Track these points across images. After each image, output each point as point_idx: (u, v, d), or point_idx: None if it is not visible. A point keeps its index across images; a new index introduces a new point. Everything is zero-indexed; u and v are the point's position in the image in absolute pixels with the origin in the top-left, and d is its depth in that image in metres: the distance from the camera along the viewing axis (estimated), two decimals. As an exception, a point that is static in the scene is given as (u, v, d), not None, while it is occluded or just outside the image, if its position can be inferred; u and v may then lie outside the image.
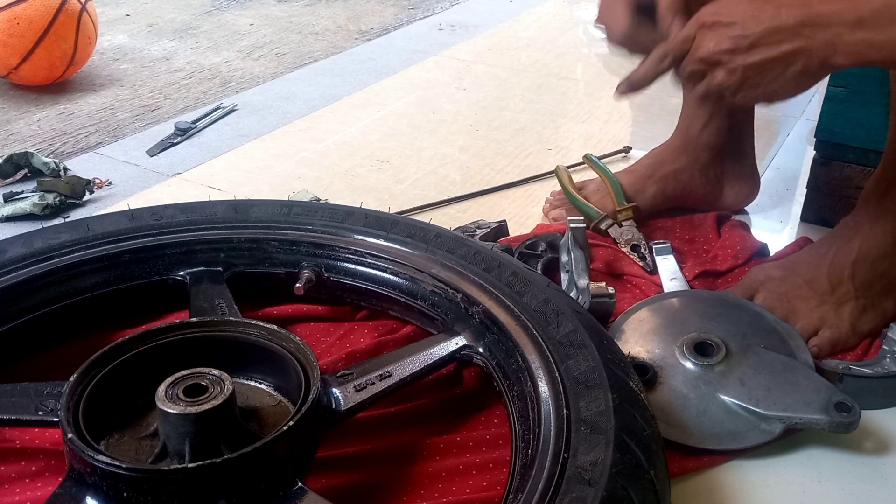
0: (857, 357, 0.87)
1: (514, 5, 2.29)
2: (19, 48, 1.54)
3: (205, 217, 0.92)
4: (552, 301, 0.77)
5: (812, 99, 1.62)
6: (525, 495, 0.59)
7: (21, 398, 0.69)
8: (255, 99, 1.63)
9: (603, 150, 1.38)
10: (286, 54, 1.95)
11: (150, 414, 0.68)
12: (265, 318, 0.88)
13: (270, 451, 0.61)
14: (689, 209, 1.15)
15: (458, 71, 1.79)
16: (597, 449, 0.60)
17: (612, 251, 1.06)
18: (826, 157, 1.14)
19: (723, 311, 0.89)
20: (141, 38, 2.02)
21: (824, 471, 0.77)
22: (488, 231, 1.06)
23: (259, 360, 0.74)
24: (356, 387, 0.71)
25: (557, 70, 1.81)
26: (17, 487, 0.70)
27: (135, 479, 0.58)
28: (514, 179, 1.30)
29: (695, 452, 0.77)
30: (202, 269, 0.89)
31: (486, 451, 0.74)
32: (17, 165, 1.28)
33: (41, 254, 0.85)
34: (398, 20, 2.22)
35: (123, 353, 0.70)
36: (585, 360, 0.69)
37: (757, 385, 0.79)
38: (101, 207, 1.20)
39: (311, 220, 0.92)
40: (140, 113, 1.59)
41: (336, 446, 0.73)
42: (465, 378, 0.83)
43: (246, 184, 1.29)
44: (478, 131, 1.49)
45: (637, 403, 0.66)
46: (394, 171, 1.33)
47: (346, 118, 1.54)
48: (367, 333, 0.88)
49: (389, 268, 0.88)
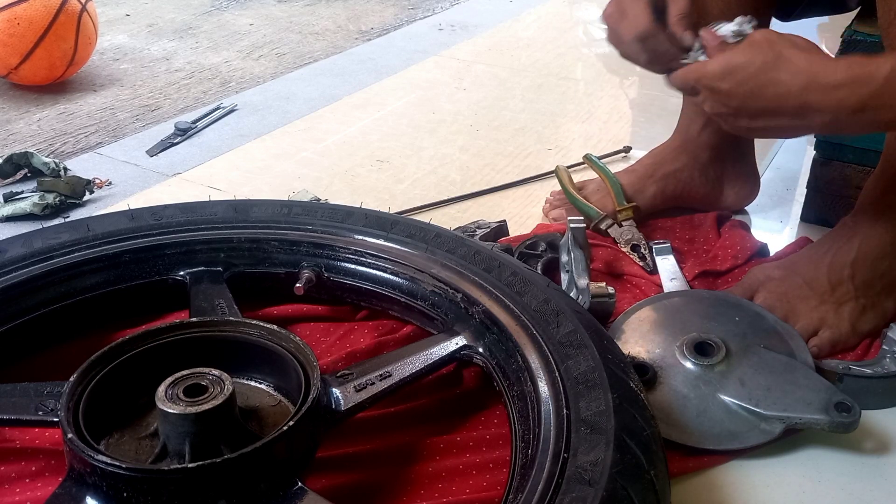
0: (856, 357, 0.87)
1: (514, 5, 2.29)
2: (19, 48, 1.54)
3: (205, 217, 0.92)
4: (552, 301, 0.77)
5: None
6: (525, 495, 0.59)
7: (21, 398, 0.69)
8: (254, 99, 1.63)
9: (603, 150, 1.38)
10: (286, 54, 1.95)
11: (150, 414, 0.68)
12: (265, 318, 0.88)
13: (270, 451, 0.61)
14: (689, 209, 1.15)
15: (458, 71, 1.79)
16: (597, 449, 0.60)
17: (612, 251, 1.06)
18: (826, 156, 1.14)
19: (723, 311, 0.89)
20: (141, 38, 2.02)
21: (824, 471, 0.77)
22: (488, 231, 1.06)
23: (259, 360, 0.74)
24: (356, 387, 0.71)
25: (557, 70, 1.81)
26: (17, 487, 0.70)
27: (135, 479, 0.58)
28: (514, 179, 1.30)
29: (695, 452, 0.77)
30: (202, 269, 0.89)
31: (486, 451, 0.74)
32: (17, 165, 1.28)
33: (41, 254, 0.85)
34: (398, 20, 2.22)
35: (123, 353, 0.70)
36: (585, 360, 0.69)
37: (757, 385, 0.79)
38: (101, 207, 1.20)
39: (311, 220, 0.92)
40: (140, 113, 1.59)
41: (336, 446, 0.73)
42: (465, 378, 0.83)
43: (246, 184, 1.29)
44: (478, 131, 1.49)
45: (637, 403, 0.66)
46: (394, 171, 1.33)
47: (346, 118, 1.54)
48: (367, 333, 0.88)
49: (389, 268, 0.88)
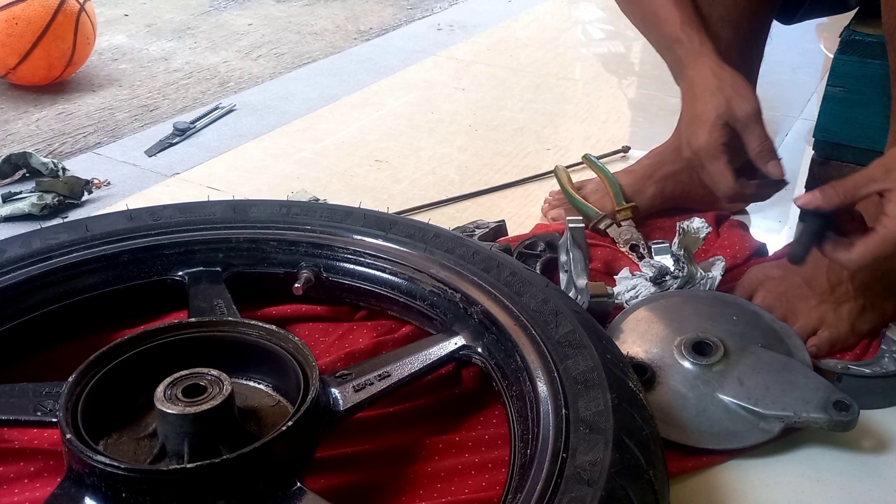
0: (855, 357, 0.87)
1: (512, 5, 2.29)
2: (18, 48, 1.54)
3: (203, 217, 0.92)
4: (551, 301, 0.77)
5: (811, 99, 1.62)
6: (524, 495, 0.59)
7: (20, 398, 0.69)
8: (253, 99, 1.62)
9: (602, 150, 1.38)
10: (285, 54, 1.95)
11: (148, 414, 0.68)
12: (264, 318, 0.88)
13: (269, 452, 0.61)
14: (688, 209, 1.15)
15: (457, 71, 1.79)
16: (596, 449, 0.60)
17: (610, 251, 1.06)
18: (825, 156, 1.14)
19: (721, 311, 0.89)
20: (139, 39, 2.02)
21: (823, 470, 0.77)
22: (487, 231, 1.05)
23: (258, 361, 0.73)
24: (355, 387, 0.71)
25: (556, 70, 1.81)
26: (16, 488, 0.70)
27: (133, 479, 0.58)
28: (513, 179, 1.29)
29: (694, 452, 0.77)
30: (201, 270, 0.89)
31: (485, 451, 0.74)
32: (16, 166, 1.28)
33: (40, 254, 0.85)
34: (397, 20, 2.22)
35: (122, 353, 0.70)
36: (584, 359, 0.69)
37: (755, 384, 0.79)
38: (100, 208, 1.20)
39: (309, 220, 0.92)
40: (138, 113, 1.59)
41: (335, 446, 0.72)
42: (463, 378, 0.83)
43: (244, 184, 1.28)
44: (476, 131, 1.49)
45: (636, 403, 0.66)
46: (392, 171, 1.33)
47: (345, 118, 1.54)
48: (366, 333, 0.88)
49: (388, 268, 0.87)
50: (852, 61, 1.06)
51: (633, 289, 0.94)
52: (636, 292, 0.93)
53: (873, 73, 1.04)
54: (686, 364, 0.82)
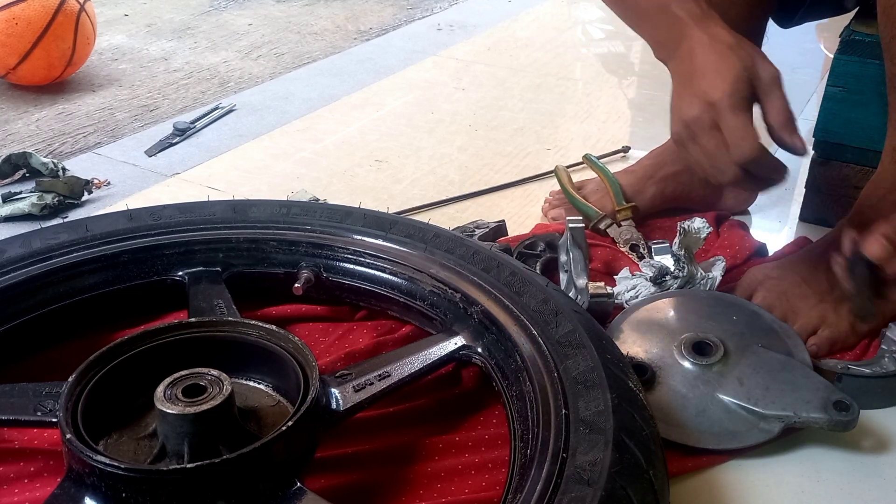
0: (855, 356, 0.87)
1: (512, 5, 2.29)
2: (18, 48, 1.54)
3: (203, 217, 0.92)
4: (551, 301, 0.77)
5: (810, 99, 1.62)
6: (524, 495, 0.58)
7: (20, 398, 0.69)
8: (253, 99, 1.62)
9: (602, 150, 1.38)
10: (285, 54, 1.95)
11: (148, 414, 0.68)
12: (264, 318, 0.88)
13: (269, 452, 0.61)
14: (688, 210, 1.15)
15: (457, 71, 1.79)
16: (596, 449, 0.60)
17: (610, 251, 1.06)
18: (824, 156, 1.14)
19: (721, 311, 0.89)
20: (139, 39, 2.02)
21: (823, 470, 0.77)
22: (487, 231, 1.05)
23: (258, 361, 0.73)
24: (355, 387, 0.71)
25: (556, 70, 1.81)
26: (16, 488, 0.70)
27: (133, 479, 0.58)
28: (513, 179, 1.30)
29: (694, 452, 0.77)
30: (201, 270, 0.89)
31: (484, 451, 0.74)
32: (16, 166, 1.28)
33: (40, 254, 0.85)
34: (397, 20, 2.22)
35: (122, 353, 0.70)
36: (584, 359, 0.69)
37: (755, 384, 0.79)
38: (100, 208, 1.20)
39: (309, 220, 0.92)
40: (138, 113, 1.59)
41: (335, 446, 0.72)
42: (463, 378, 0.83)
43: (244, 184, 1.28)
44: (476, 131, 1.49)
45: (636, 403, 0.66)
46: (392, 171, 1.33)
47: (345, 118, 1.54)
48: (366, 333, 0.88)
49: (388, 268, 0.87)
50: (852, 61, 1.06)
51: (633, 289, 0.94)
52: (636, 292, 0.93)
53: (873, 73, 1.04)
54: (686, 364, 0.82)
